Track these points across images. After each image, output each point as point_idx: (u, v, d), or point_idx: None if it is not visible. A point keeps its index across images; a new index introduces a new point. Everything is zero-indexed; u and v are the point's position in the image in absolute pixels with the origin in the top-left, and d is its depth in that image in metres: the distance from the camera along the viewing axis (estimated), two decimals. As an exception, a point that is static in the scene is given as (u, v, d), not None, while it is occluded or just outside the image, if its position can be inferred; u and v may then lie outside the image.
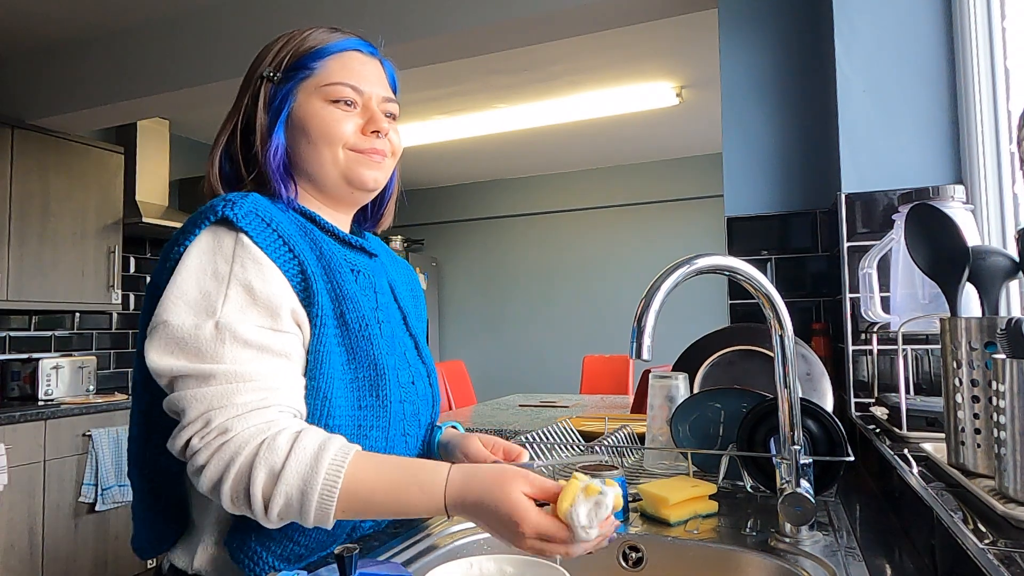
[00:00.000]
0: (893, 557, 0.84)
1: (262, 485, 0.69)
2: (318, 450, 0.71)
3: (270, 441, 0.70)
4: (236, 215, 0.77)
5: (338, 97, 0.88)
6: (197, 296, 0.74)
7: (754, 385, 1.40)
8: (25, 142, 3.40)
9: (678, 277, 0.82)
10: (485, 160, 5.53)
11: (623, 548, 0.95)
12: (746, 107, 1.92)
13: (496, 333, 6.11)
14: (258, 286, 0.75)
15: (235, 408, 0.71)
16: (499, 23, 2.43)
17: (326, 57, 0.89)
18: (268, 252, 0.77)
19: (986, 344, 0.76)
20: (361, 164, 0.89)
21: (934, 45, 1.44)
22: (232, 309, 0.74)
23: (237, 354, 0.73)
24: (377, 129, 0.89)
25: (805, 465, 0.90)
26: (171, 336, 0.73)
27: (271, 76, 0.89)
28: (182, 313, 0.73)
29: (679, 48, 3.43)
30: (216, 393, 0.71)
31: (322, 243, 0.86)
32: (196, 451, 0.70)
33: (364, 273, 0.93)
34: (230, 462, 0.70)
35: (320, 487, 0.69)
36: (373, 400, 0.83)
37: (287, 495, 0.69)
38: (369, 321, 0.85)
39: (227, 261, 0.76)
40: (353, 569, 0.58)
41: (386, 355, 0.86)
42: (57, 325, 3.87)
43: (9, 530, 2.97)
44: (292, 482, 0.69)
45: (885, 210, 1.45)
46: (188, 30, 2.97)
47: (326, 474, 0.70)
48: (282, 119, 0.88)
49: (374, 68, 0.93)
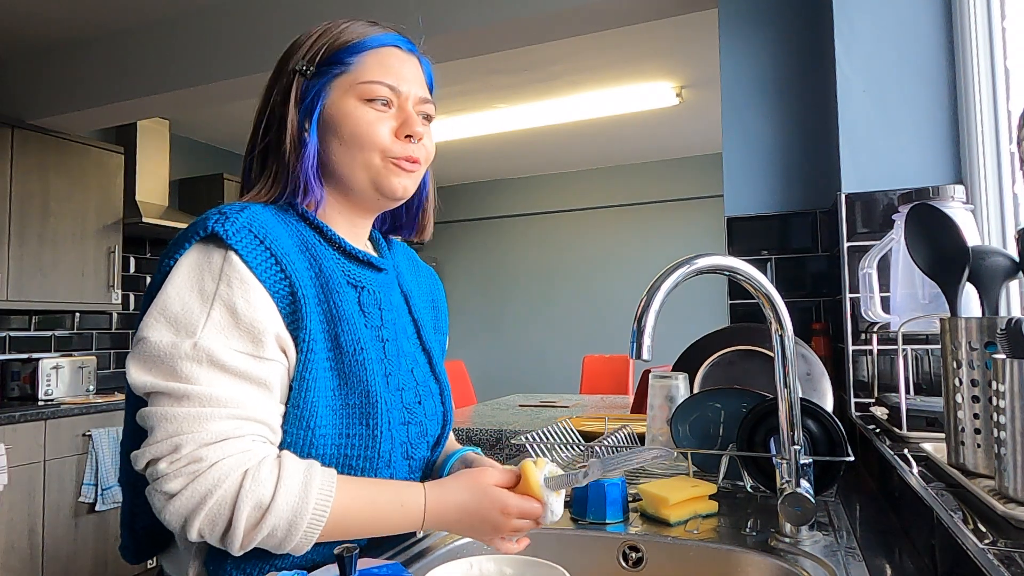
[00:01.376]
0: (893, 557, 0.84)
1: (247, 517, 0.67)
2: (305, 480, 0.70)
3: (254, 473, 0.69)
4: (227, 231, 0.74)
5: (374, 96, 0.83)
6: (179, 313, 0.72)
7: (754, 385, 1.40)
8: (25, 142, 3.40)
9: (678, 277, 0.82)
10: (485, 160, 5.53)
11: (623, 548, 0.95)
12: (746, 107, 1.92)
13: (496, 333, 6.11)
14: (242, 308, 0.72)
15: (207, 435, 0.69)
16: (499, 23, 2.43)
17: (363, 52, 0.84)
18: (257, 272, 0.74)
19: (986, 344, 0.76)
20: (392, 172, 0.84)
21: (934, 45, 1.44)
22: (213, 331, 0.71)
23: (213, 377, 0.70)
24: (411, 133, 0.84)
25: (805, 465, 0.90)
26: (149, 352, 0.71)
27: (304, 70, 0.84)
28: (162, 329, 0.71)
29: (679, 48, 3.43)
30: (187, 416, 0.69)
31: (323, 259, 0.82)
32: (164, 475, 0.68)
33: (369, 289, 0.87)
34: (208, 493, 0.67)
35: (309, 518, 0.70)
36: (362, 429, 0.79)
37: (273, 527, 0.69)
38: (365, 344, 0.81)
39: (214, 279, 0.73)
40: (353, 569, 0.58)
41: (381, 381, 0.82)
42: (57, 325, 3.87)
43: (9, 530, 2.97)
44: (281, 515, 0.69)
45: (885, 210, 1.45)
46: (188, 30, 2.97)
47: (315, 505, 0.70)
48: (315, 119, 0.83)
49: (412, 66, 0.88)
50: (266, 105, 0.86)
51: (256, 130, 0.86)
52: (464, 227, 6.30)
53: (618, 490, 1.02)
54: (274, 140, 0.84)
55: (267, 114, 0.85)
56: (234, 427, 0.70)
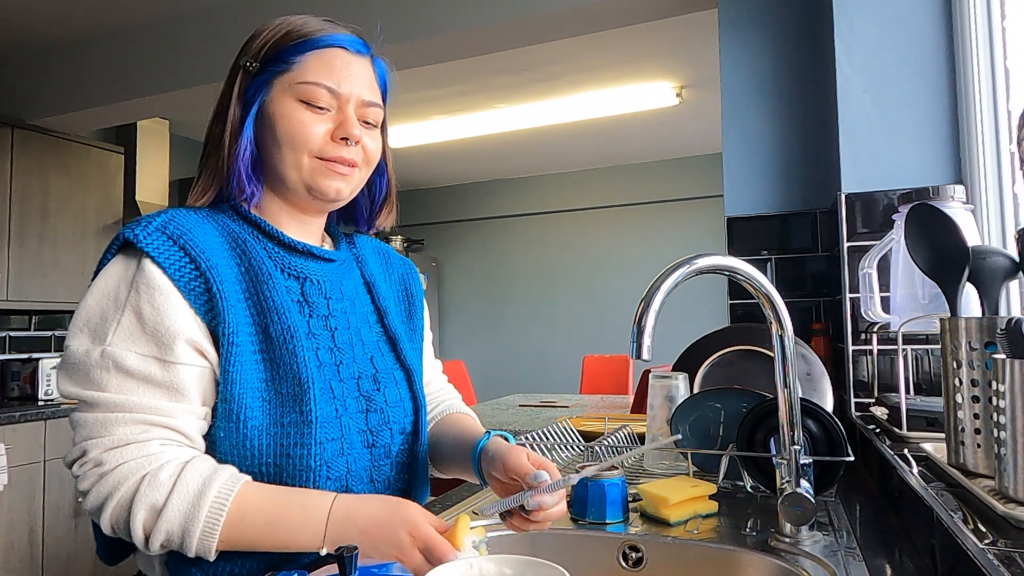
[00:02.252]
0: (893, 557, 0.84)
1: (143, 521, 0.70)
2: (202, 486, 0.70)
3: (151, 477, 0.70)
4: (137, 236, 0.75)
5: (310, 99, 0.82)
6: (96, 321, 0.75)
7: (754, 385, 1.40)
8: (25, 142, 3.40)
9: (678, 277, 0.82)
10: (485, 160, 5.53)
11: (623, 548, 0.95)
12: (746, 107, 1.92)
13: (496, 333, 6.11)
14: (148, 314, 0.73)
15: (111, 440, 0.71)
16: (499, 23, 2.43)
17: (307, 52, 0.83)
18: (169, 272, 0.74)
19: (986, 344, 0.76)
20: (323, 175, 0.83)
21: (934, 45, 1.44)
22: (120, 337, 0.73)
23: (120, 383, 0.72)
24: (346, 136, 0.83)
25: (805, 465, 0.90)
26: (69, 361, 0.74)
27: (248, 66, 0.84)
28: (81, 338, 0.74)
29: (679, 48, 3.43)
30: (95, 422, 0.72)
31: (254, 253, 0.82)
32: (76, 477, 0.73)
33: (312, 279, 0.87)
34: (108, 496, 0.70)
35: (202, 524, 0.70)
36: (296, 416, 0.78)
37: (168, 532, 0.70)
38: (296, 332, 0.80)
39: (127, 286, 0.75)
40: (353, 569, 0.58)
41: (314, 367, 0.81)
42: (57, 325, 3.87)
43: (9, 530, 2.97)
44: (174, 519, 0.69)
45: (885, 210, 1.45)
46: (188, 30, 2.97)
47: (209, 511, 0.70)
48: (252, 113, 0.83)
49: (360, 68, 0.86)
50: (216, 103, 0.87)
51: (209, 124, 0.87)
52: (464, 227, 6.30)
53: (618, 490, 1.02)
54: (216, 134, 0.85)
55: (216, 108, 0.86)
56: (139, 431, 0.72)
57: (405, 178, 5.93)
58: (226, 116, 0.84)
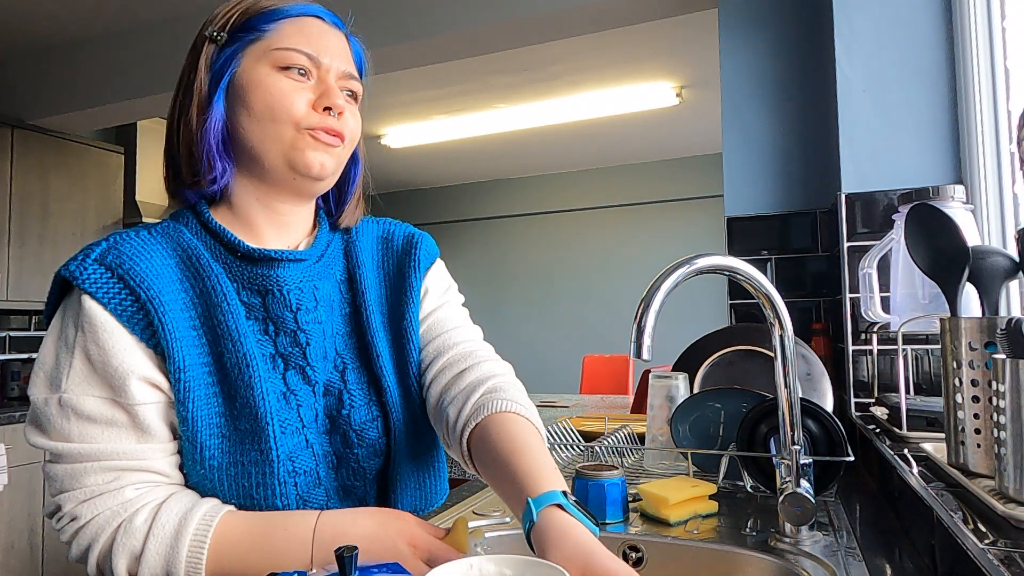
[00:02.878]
0: (893, 557, 0.84)
1: (126, 569, 0.68)
2: (178, 526, 0.68)
3: (126, 525, 0.68)
4: (73, 273, 0.70)
5: (289, 64, 0.75)
6: (51, 366, 0.71)
7: (754, 385, 1.40)
8: (25, 142, 3.40)
9: (678, 277, 0.82)
10: (485, 160, 5.53)
11: (623, 548, 0.95)
12: (746, 107, 1.92)
13: (496, 333, 6.10)
14: (95, 354, 0.69)
15: (83, 492, 0.69)
16: (499, 23, 2.43)
17: (281, 19, 0.77)
18: (110, 307, 0.69)
19: (986, 344, 0.76)
20: (307, 146, 0.75)
21: (934, 45, 1.44)
22: (74, 382, 0.69)
23: (83, 431, 0.69)
24: (330, 105, 0.75)
25: (805, 465, 0.90)
26: (33, 412, 0.71)
27: (215, 36, 0.77)
28: (39, 386, 0.71)
29: (679, 48, 3.43)
30: (65, 474, 0.69)
31: (208, 274, 0.75)
32: (58, 531, 0.71)
33: (278, 291, 0.78)
34: (88, 549, 0.69)
35: (185, 565, 0.67)
36: (256, 455, 0.72)
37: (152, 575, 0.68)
38: (252, 361, 0.73)
39: (74, 326, 0.70)
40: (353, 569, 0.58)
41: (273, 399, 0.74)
42: (57, 325, 3.87)
43: (9, 530, 2.97)
44: (155, 563, 0.67)
45: (885, 210, 1.45)
46: (188, 30, 2.96)
47: (189, 550, 0.67)
48: (222, 86, 0.76)
49: (337, 39, 0.80)
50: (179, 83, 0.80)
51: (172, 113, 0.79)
52: (464, 227, 6.30)
53: (618, 490, 1.02)
54: (181, 111, 0.77)
55: (178, 85, 0.79)
56: (110, 479, 0.70)
57: (405, 178, 5.93)
58: (191, 90, 0.77)
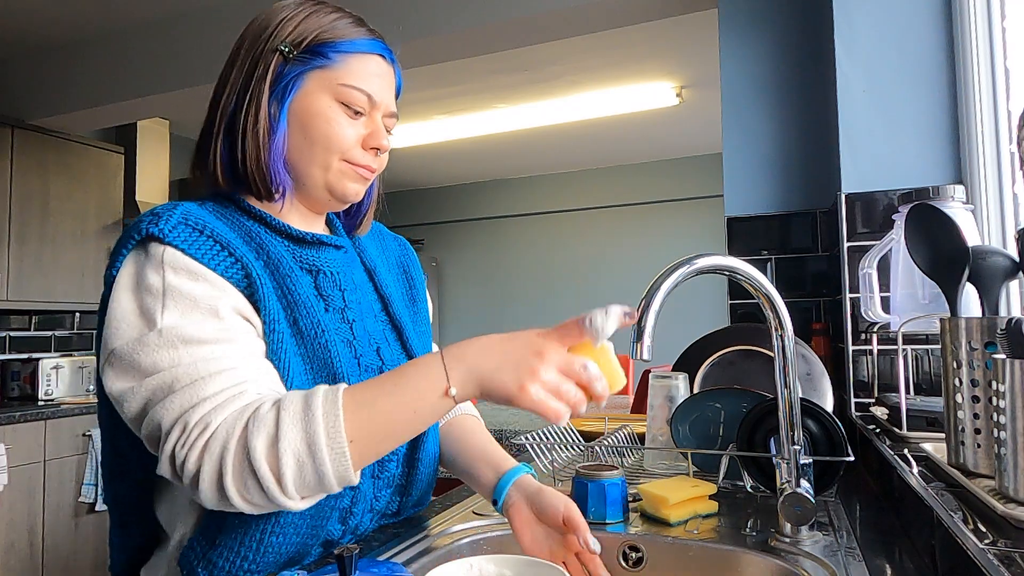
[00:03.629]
0: (893, 557, 0.84)
1: (265, 457, 0.62)
2: (305, 399, 0.65)
3: (253, 417, 0.64)
4: (162, 231, 0.72)
5: (350, 103, 0.81)
6: (136, 315, 0.70)
7: (754, 385, 1.40)
8: (25, 142, 3.40)
9: (678, 277, 0.82)
10: (485, 160, 5.52)
11: (623, 548, 0.95)
12: (746, 107, 1.92)
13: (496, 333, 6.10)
14: (195, 290, 0.70)
15: (209, 402, 0.65)
16: (499, 23, 2.43)
17: (350, 53, 0.82)
18: (205, 261, 0.72)
19: (986, 344, 0.76)
20: (349, 178, 0.83)
21: (934, 45, 1.44)
22: (174, 316, 0.69)
23: (192, 352, 0.68)
24: (378, 147, 0.83)
25: (805, 465, 0.90)
26: (122, 358, 0.69)
27: (287, 52, 0.80)
28: (125, 334, 0.69)
29: (679, 48, 3.43)
30: (183, 395, 0.66)
31: (270, 246, 0.80)
32: (183, 460, 0.64)
33: (326, 272, 0.86)
34: (223, 454, 0.63)
35: (324, 428, 0.63)
36: None
37: (295, 454, 0.62)
38: (326, 327, 0.79)
39: (159, 275, 0.71)
40: (353, 569, 0.58)
41: (348, 361, 0.81)
42: (57, 325, 3.87)
43: (9, 530, 2.97)
44: (293, 437, 0.63)
45: (885, 210, 1.45)
46: (188, 30, 2.97)
47: (324, 411, 0.63)
48: (285, 106, 0.80)
49: (389, 78, 0.86)
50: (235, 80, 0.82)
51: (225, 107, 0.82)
52: (464, 227, 6.30)
53: (618, 490, 1.02)
54: (238, 118, 0.80)
55: (234, 90, 0.81)
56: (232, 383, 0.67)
57: (405, 178, 5.93)
58: (256, 104, 0.80)
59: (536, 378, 0.63)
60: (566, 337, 0.66)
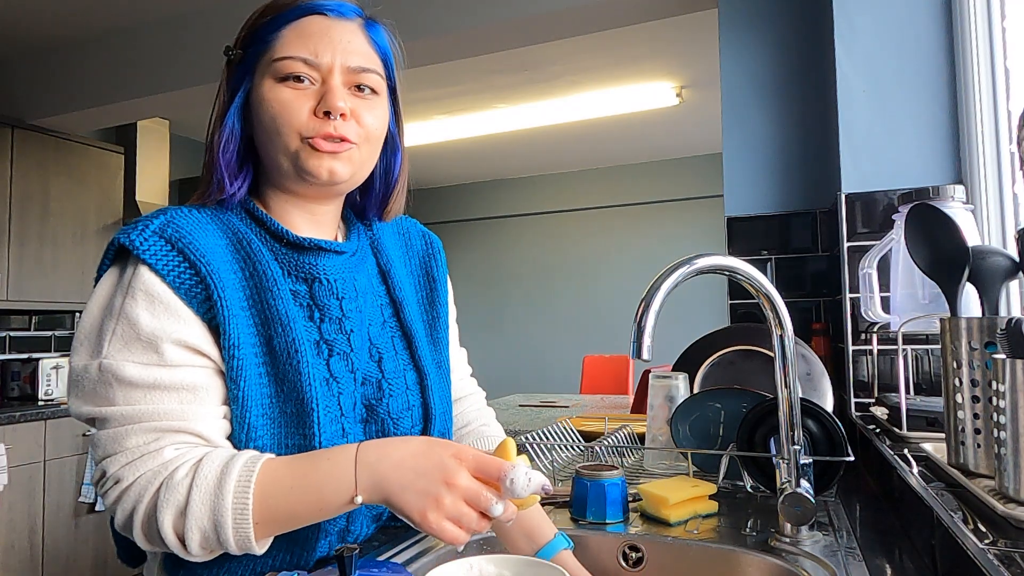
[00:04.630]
0: (893, 557, 0.84)
1: (172, 526, 0.65)
2: (220, 475, 0.65)
3: (167, 482, 0.66)
4: (133, 242, 0.70)
5: (287, 73, 0.75)
6: (95, 334, 0.70)
7: (754, 385, 1.40)
8: (25, 142, 3.40)
9: (678, 277, 0.82)
10: (485, 160, 5.53)
11: (623, 548, 0.95)
12: (746, 107, 1.92)
13: (496, 333, 6.11)
14: (144, 320, 0.69)
15: (126, 455, 0.67)
16: (499, 23, 2.43)
17: (283, 27, 0.77)
18: (168, 279, 0.70)
19: (986, 344, 0.76)
20: (310, 156, 0.75)
21: (934, 45, 1.44)
22: (116, 348, 0.69)
23: (125, 394, 0.68)
24: (328, 109, 0.74)
25: (805, 465, 0.90)
26: (74, 380, 0.71)
27: (230, 54, 0.79)
28: (81, 353, 0.71)
29: (679, 48, 3.43)
30: (108, 438, 0.68)
31: (257, 258, 0.76)
32: (102, 497, 0.69)
33: (323, 279, 0.80)
34: (133, 511, 0.66)
35: (232, 512, 0.64)
36: (299, 439, 0.73)
37: (200, 529, 0.65)
38: (301, 346, 0.74)
39: (122, 294, 0.70)
40: (353, 569, 0.58)
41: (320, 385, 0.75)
42: (57, 325, 3.87)
43: (9, 530, 2.97)
44: (201, 514, 0.65)
45: (885, 210, 1.45)
46: (188, 30, 2.97)
47: (234, 495, 0.65)
48: (235, 104, 0.78)
49: (343, 32, 0.78)
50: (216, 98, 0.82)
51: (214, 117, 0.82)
52: (464, 227, 6.30)
53: (618, 490, 1.02)
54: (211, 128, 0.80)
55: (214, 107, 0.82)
56: (151, 440, 0.68)
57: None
58: (220, 113, 0.79)
59: (440, 507, 0.62)
60: (481, 473, 0.64)
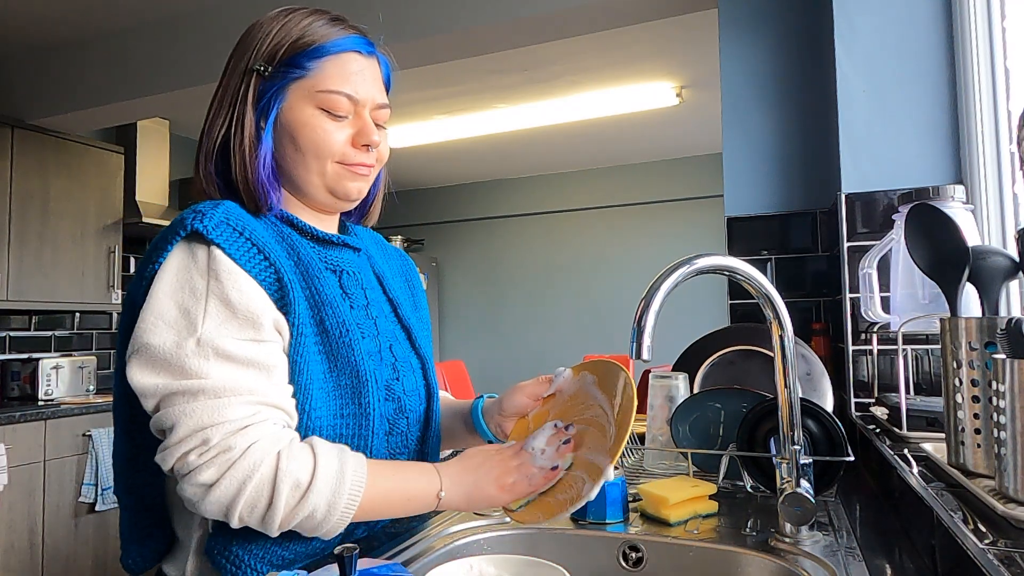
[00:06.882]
0: (893, 557, 0.84)
1: (286, 498, 0.69)
2: (340, 465, 0.73)
3: (287, 453, 0.71)
4: (207, 227, 0.74)
5: (331, 108, 0.83)
6: (176, 314, 0.72)
7: (754, 385, 1.40)
8: (25, 142, 3.40)
9: (678, 277, 0.82)
10: (485, 160, 5.52)
11: (623, 548, 0.95)
12: (746, 107, 1.92)
13: (496, 333, 6.10)
14: (235, 298, 0.73)
15: (230, 424, 0.70)
16: (499, 23, 2.43)
17: (323, 58, 0.84)
18: (242, 263, 0.75)
19: (986, 344, 0.76)
20: (346, 178, 0.86)
21: (934, 45, 1.44)
22: (212, 324, 0.72)
23: (223, 369, 0.71)
24: (368, 143, 0.85)
25: (805, 465, 0.90)
26: (154, 356, 0.71)
27: (262, 70, 0.84)
28: (163, 333, 0.72)
29: (679, 48, 3.42)
30: (206, 408, 0.70)
31: (300, 248, 0.84)
32: (195, 468, 0.69)
33: (349, 272, 0.91)
34: (246, 479, 0.69)
35: (345, 500, 0.72)
36: (355, 408, 0.82)
37: (313, 507, 0.71)
38: (350, 326, 0.83)
39: (202, 276, 0.74)
40: (353, 569, 0.58)
41: (368, 359, 0.84)
42: (57, 325, 3.87)
43: (9, 530, 2.97)
44: (321, 496, 0.71)
45: (885, 210, 1.45)
46: (188, 30, 2.97)
47: (350, 488, 0.72)
48: (270, 122, 0.84)
49: (371, 71, 0.88)
50: (222, 99, 0.86)
51: (215, 123, 0.85)
52: (464, 227, 6.29)
53: (618, 490, 1.02)
54: (229, 138, 0.84)
55: (221, 110, 0.85)
56: (253, 412, 0.72)
57: (405, 178, 5.93)
58: (242, 124, 0.83)
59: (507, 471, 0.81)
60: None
